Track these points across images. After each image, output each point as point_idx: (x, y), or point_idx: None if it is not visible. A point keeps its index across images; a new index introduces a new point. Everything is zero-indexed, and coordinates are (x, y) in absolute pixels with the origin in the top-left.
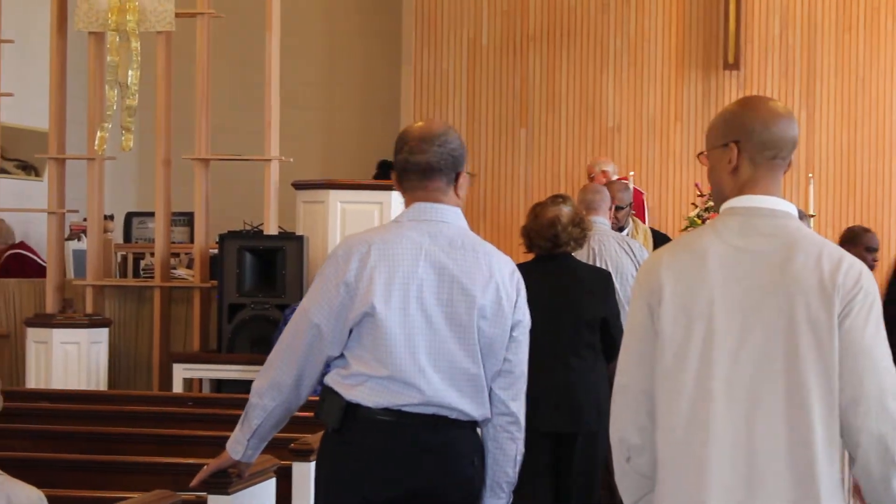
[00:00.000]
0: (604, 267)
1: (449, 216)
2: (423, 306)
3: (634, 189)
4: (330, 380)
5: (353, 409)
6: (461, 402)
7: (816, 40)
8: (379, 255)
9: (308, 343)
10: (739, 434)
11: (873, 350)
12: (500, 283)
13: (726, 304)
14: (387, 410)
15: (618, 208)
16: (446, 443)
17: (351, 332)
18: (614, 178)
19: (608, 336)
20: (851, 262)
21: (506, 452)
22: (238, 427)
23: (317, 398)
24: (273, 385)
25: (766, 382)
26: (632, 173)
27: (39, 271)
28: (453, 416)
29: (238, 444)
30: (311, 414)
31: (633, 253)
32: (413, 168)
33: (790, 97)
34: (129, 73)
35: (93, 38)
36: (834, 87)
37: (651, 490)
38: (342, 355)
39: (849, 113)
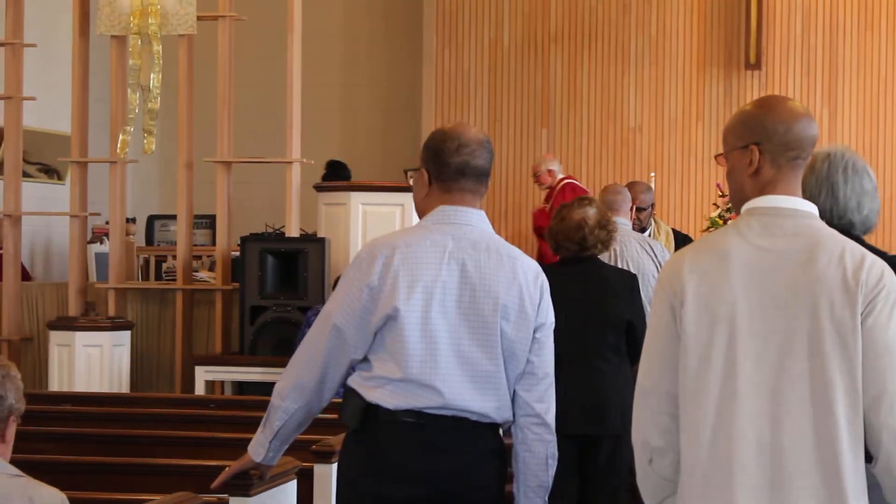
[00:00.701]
0: (625, 268)
1: (474, 219)
2: (445, 309)
3: (569, 181)
4: (352, 381)
5: (373, 411)
6: (482, 405)
7: (838, 39)
8: (403, 258)
9: (330, 346)
10: (765, 434)
11: (895, 348)
12: (524, 285)
13: (750, 304)
14: (408, 412)
15: (640, 209)
16: (467, 445)
17: (375, 335)
18: (559, 176)
19: (633, 339)
20: (874, 261)
21: (535, 455)
22: (260, 429)
23: (339, 400)
24: (295, 387)
25: (790, 382)
26: (653, 174)
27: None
28: (474, 418)
29: (260, 447)
30: (333, 416)
31: (655, 254)
32: (472, 172)
33: (811, 96)
34: (151, 76)
35: (115, 42)
36: (855, 86)
37: (673, 493)
38: (366, 358)
39: (870, 112)
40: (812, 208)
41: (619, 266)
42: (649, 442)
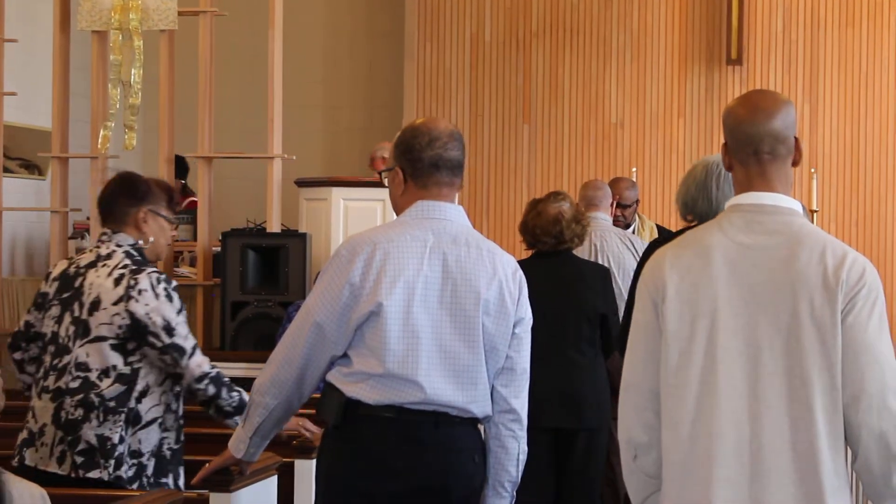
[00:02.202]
0: (606, 262)
1: (452, 213)
2: (427, 304)
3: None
4: (332, 377)
5: (353, 406)
6: (463, 400)
7: (819, 35)
8: (384, 253)
9: (311, 343)
10: (744, 430)
11: (875, 346)
12: (503, 280)
13: (731, 300)
14: (388, 407)
15: (625, 206)
16: (447, 440)
17: (356, 330)
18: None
19: (606, 331)
20: (855, 258)
21: (508, 450)
22: (240, 425)
23: (318, 395)
24: (274, 383)
25: (770, 378)
26: (634, 169)
27: None
28: (454, 413)
29: (240, 443)
30: (311, 411)
31: (635, 249)
32: (446, 165)
33: (793, 92)
34: (132, 71)
35: (96, 37)
36: (837, 82)
37: (658, 489)
38: (346, 353)
39: (852, 108)
40: (795, 205)
41: (600, 262)
42: (634, 438)
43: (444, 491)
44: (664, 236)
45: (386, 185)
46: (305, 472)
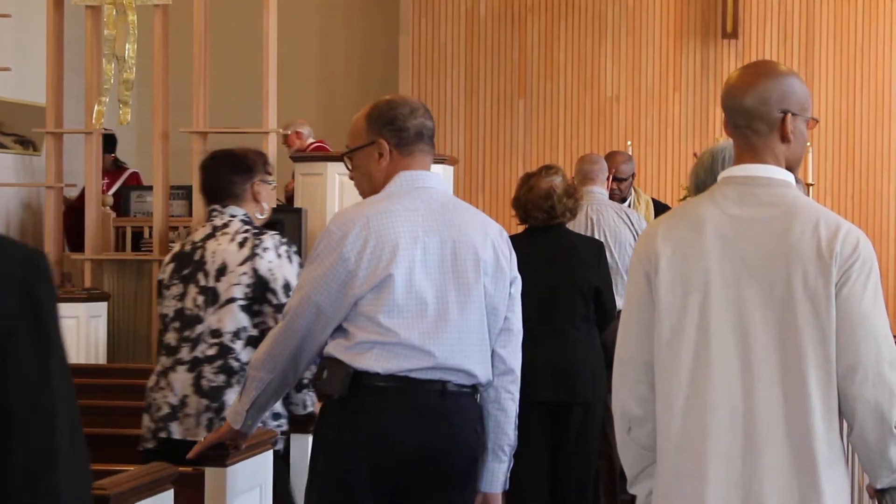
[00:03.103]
0: (601, 237)
1: (436, 181)
2: (428, 271)
3: (319, 145)
4: (332, 350)
5: (359, 377)
6: (471, 364)
7: (815, 8)
8: (378, 226)
9: (309, 321)
10: (737, 403)
11: (870, 318)
12: (495, 241)
13: (723, 273)
14: (393, 377)
15: (621, 179)
16: (453, 410)
17: (356, 303)
18: (309, 140)
19: (600, 306)
20: (849, 230)
21: (508, 413)
22: (237, 398)
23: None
24: (270, 358)
25: (763, 352)
26: (629, 143)
27: None
28: (459, 380)
29: (238, 415)
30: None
31: (632, 223)
32: (428, 133)
33: (788, 65)
34: (127, 46)
35: (90, 12)
36: (832, 55)
37: (653, 462)
38: (342, 327)
39: (847, 81)
40: (788, 177)
41: (596, 236)
42: (628, 411)
43: (448, 461)
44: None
45: (348, 164)
46: (302, 446)
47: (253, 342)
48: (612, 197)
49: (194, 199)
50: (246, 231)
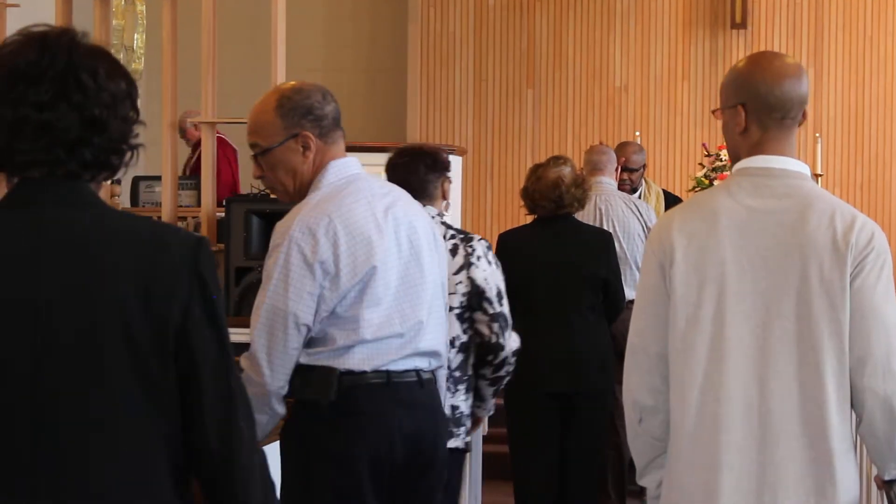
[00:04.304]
0: (610, 227)
1: (359, 166)
2: (392, 260)
3: (218, 136)
4: (309, 358)
5: (345, 379)
6: (441, 344)
7: None
8: (344, 224)
9: (297, 344)
10: (752, 395)
11: (882, 310)
12: (427, 217)
13: (739, 264)
14: (378, 373)
15: (632, 170)
16: (431, 399)
17: (334, 307)
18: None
19: (609, 296)
20: (864, 222)
21: (443, 388)
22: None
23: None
24: (281, 389)
25: (778, 343)
26: (637, 133)
27: None
28: (434, 364)
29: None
30: None
31: (640, 213)
32: (340, 118)
33: (797, 56)
34: (135, 36)
35: (98, 2)
36: (841, 45)
37: (663, 452)
38: (314, 333)
39: (856, 72)
40: (803, 168)
41: (605, 226)
42: (639, 402)
43: (435, 448)
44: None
45: (261, 165)
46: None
47: (464, 348)
48: (622, 188)
49: (203, 189)
50: (453, 237)
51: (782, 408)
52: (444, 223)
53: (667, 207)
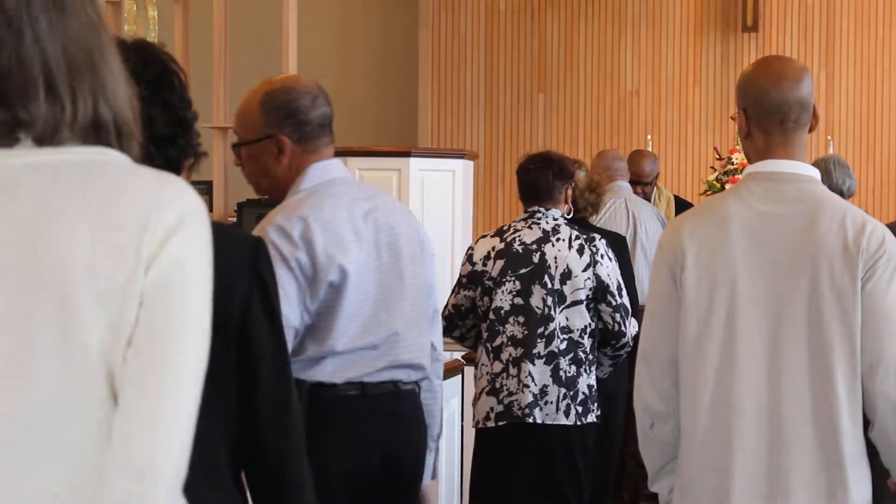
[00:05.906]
0: (643, 232)
1: (345, 170)
2: (371, 266)
3: None
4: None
5: (316, 390)
6: (421, 358)
7: (835, 1)
8: (322, 227)
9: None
10: (763, 399)
11: (894, 314)
12: (414, 220)
13: (750, 269)
14: (352, 384)
15: (645, 184)
16: (410, 411)
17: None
18: None
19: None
20: (875, 226)
21: (436, 398)
22: None
23: None
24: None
25: (789, 348)
26: (649, 137)
27: None
28: (414, 377)
29: None
30: None
31: (661, 218)
32: (329, 123)
33: (809, 59)
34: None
35: (110, 7)
36: (853, 48)
37: (674, 458)
38: None
39: (868, 75)
40: (813, 172)
41: (638, 231)
42: (651, 407)
43: (413, 462)
44: None
45: (240, 158)
46: None
47: (591, 334)
48: (635, 194)
49: (215, 194)
50: (577, 238)
51: (794, 412)
52: (568, 224)
53: (677, 213)
